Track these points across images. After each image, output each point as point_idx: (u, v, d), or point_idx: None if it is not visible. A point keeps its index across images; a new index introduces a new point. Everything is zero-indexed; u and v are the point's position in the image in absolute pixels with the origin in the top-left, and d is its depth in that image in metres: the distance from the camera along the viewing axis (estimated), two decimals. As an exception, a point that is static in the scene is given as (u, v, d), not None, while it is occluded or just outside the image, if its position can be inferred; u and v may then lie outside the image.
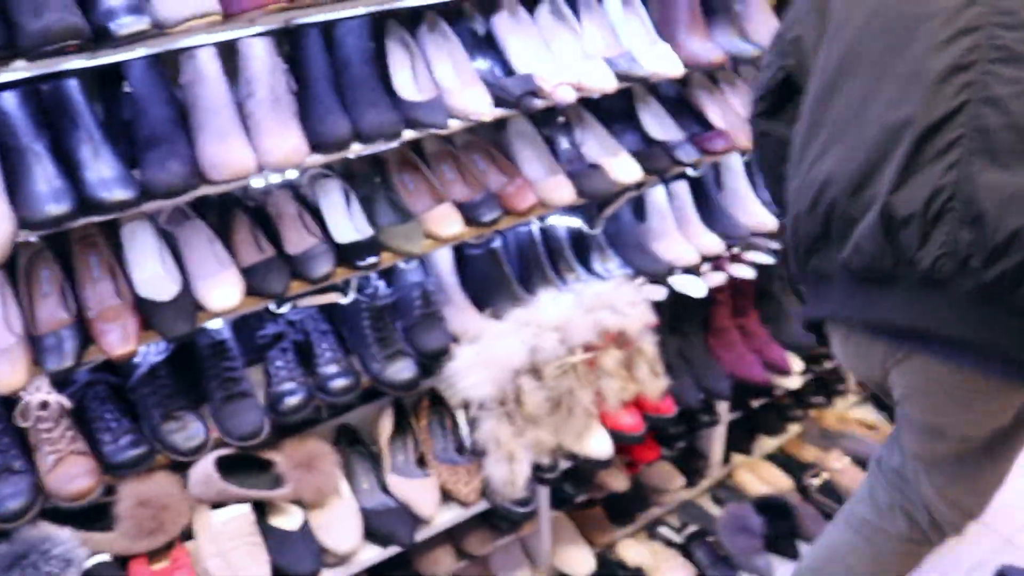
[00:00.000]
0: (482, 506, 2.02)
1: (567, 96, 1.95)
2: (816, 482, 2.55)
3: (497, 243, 2.14)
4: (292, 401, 1.81)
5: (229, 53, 1.70)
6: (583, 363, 1.99)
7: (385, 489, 1.96)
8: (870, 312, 1.38)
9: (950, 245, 1.23)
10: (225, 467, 1.76)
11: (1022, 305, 1.21)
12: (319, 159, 1.74)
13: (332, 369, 1.87)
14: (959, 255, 1.22)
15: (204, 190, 1.62)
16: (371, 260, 1.82)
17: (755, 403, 2.58)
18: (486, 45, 2.07)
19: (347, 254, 1.83)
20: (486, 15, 2.07)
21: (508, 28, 2.05)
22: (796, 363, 2.47)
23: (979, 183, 1.20)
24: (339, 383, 1.85)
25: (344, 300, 1.95)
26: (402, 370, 1.92)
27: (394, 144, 1.84)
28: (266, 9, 1.52)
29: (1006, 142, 1.19)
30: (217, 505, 1.75)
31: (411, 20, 1.99)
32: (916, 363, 1.41)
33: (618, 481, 2.30)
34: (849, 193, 1.32)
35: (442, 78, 1.95)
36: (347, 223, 1.92)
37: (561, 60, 2.05)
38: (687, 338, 2.31)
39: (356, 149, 1.78)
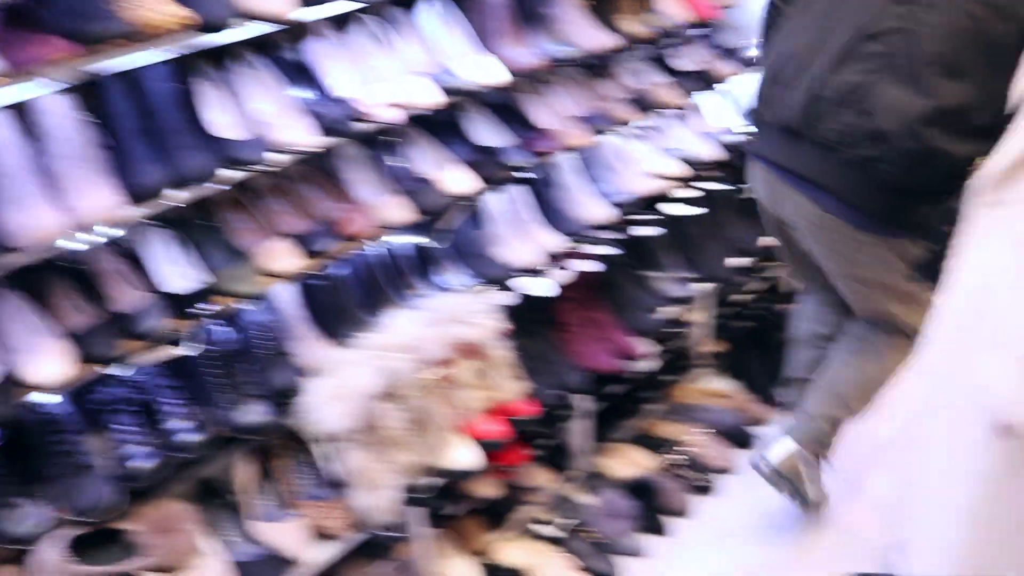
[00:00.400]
0: (359, 537, 2.00)
1: (393, 116, 1.94)
2: (679, 458, 2.65)
3: (338, 270, 2.11)
4: (139, 464, 1.73)
5: (23, 112, 1.60)
6: (438, 379, 2.00)
7: (252, 537, 1.91)
8: (781, 157, 1.95)
9: (843, 125, 1.76)
10: (82, 546, 1.67)
11: (876, 177, 1.75)
12: (136, 211, 1.67)
13: (178, 424, 1.80)
14: (845, 134, 1.76)
15: (9, 259, 1.53)
16: (205, 307, 1.76)
17: (613, 390, 2.65)
18: (302, 73, 2.03)
19: (179, 303, 1.77)
20: (297, 42, 2.03)
21: (322, 53, 2.02)
22: (647, 346, 2.56)
23: (879, 89, 1.71)
24: (187, 438, 1.79)
25: (184, 351, 1.88)
26: (254, 413, 1.87)
27: (215, 185, 1.79)
28: (49, 60, 1.44)
29: (908, 67, 1.68)
30: (72, 588, 1.65)
31: (220, 57, 1.93)
32: (799, 201, 1.94)
33: (490, 488, 2.32)
34: (796, 68, 1.86)
35: (259, 112, 1.90)
36: (176, 271, 1.85)
37: (382, 80, 2.04)
38: (539, 338, 2.35)
39: (177, 195, 1.72)
